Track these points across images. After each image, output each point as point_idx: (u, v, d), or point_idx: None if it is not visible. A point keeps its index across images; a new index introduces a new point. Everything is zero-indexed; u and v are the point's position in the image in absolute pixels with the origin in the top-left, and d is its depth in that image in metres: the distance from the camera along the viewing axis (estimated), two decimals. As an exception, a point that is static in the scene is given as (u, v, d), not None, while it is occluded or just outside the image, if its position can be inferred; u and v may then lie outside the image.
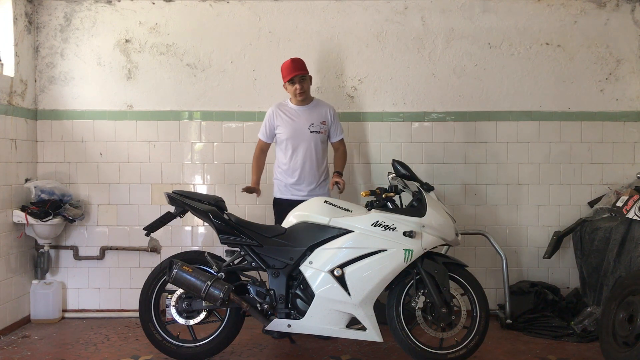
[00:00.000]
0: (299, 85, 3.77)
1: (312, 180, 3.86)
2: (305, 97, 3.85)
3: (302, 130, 3.84)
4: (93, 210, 4.42)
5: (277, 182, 3.95)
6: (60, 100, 4.42)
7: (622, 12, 4.41)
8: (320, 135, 3.87)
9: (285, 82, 3.82)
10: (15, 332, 4.04)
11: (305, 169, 3.84)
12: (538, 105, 4.43)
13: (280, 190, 3.91)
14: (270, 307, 3.28)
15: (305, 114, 3.87)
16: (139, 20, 4.40)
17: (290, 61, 3.81)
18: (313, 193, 3.83)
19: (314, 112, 3.89)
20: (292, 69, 3.77)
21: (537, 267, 4.45)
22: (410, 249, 3.17)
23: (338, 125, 3.98)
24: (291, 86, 3.80)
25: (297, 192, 3.85)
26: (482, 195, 4.45)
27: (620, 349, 3.14)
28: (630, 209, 3.84)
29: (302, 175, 3.84)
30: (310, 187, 3.85)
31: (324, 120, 3.89)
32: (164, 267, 3.37)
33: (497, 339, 3.85)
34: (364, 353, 3.60)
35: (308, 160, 3.84)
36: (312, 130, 3.84)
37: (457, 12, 4.40)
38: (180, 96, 4.42)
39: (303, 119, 3.86)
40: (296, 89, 3.78)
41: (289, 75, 3.77)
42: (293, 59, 3.84)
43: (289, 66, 3.79)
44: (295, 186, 3.85)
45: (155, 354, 3.51)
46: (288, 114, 3.88)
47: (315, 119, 3.86)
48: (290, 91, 3.84)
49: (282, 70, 3.84)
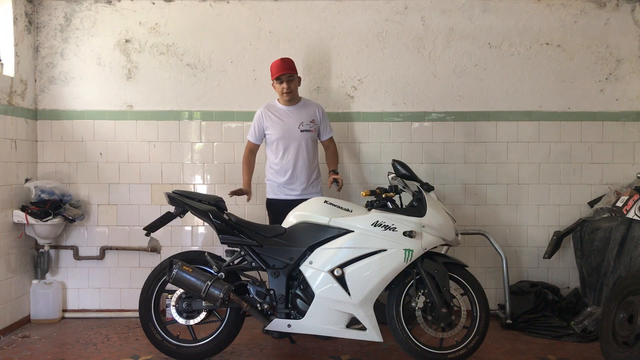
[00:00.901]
0: (286, 85, 3.79)
1: (304, 179, 3.86)
2: (292, 97, 3.86)
3: (292, 129, 3.85)
4: (93, 210, 4.42)
5: (269, 182, 3.95)
6: (60, 100, 4.42)
7: (622, 12, 4.41)
8: (311, 134, 3.89)
9: (273, 79, 3.84)
10: (15, 332, 4.04)
11: (297, 168, 3.84)
12: (538, 105, 4.43)
13: (273, 191, 3.92)
14: (270, 307, 3.28)
15: (295, 114, 3.88)
16: (139, 20, 4.40)
17: (279, 60, 3.83)
18: (306, 192, 3.85)
19: (302, 111, 3.90)
20: (280, 67, 3.79)
21: (537, 267, 4.45)
22: (410, 249, 3.17)
23: (327, 123, 4.00)
24: (279, 85, 3.82)
25: (290, 191, 3.85)
26: (482, 195, 4.45)
27: (620, 349, 3.14)
28: (630, 209, 3.84)
29: (295, 174, 3.84)
30: (303, 185, 3.86)
31: (313, 119, 3.91)
32: (164, 267, 3.37)
33: (497, 339, 3.85)
34: (364, 353, 3.60)
35: (300, 159, 3.85)
36: (302, 129, 3.86)
37: (457, 12, 4.40)
38: (180, 96, 4.42)
39: (292, 118, 3.87)
40: (283, 88, 3.80)
41: (277, 74, 3.79)
42: (283, 58, 3.86)
43: (277, 65, 3.81)
44: (288, 185, 3.86)
45: (155, 354, 3.51)
46: (277, 115, 3.88)
47: (305, 118, 3.88)
48: (278, 90, 3.85)
49: (271, 69, 3.86)
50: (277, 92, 3.88)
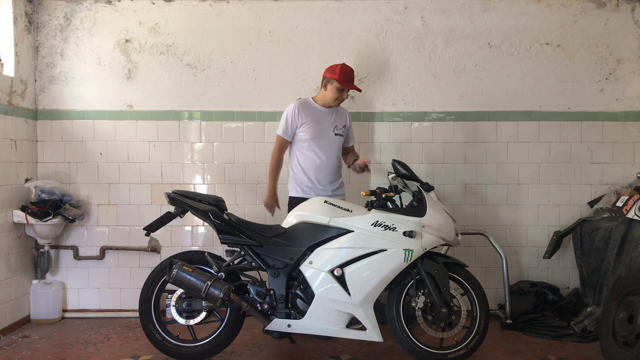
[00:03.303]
0: (346, 96, 3.84)
1: (334, 179, 3.86)
2: (338, 105, 3.89)
3: (328, 132, 3.84)
4: (93, 210, 4.42)
5: (295, 181, 3.85)
6: (60, 100, 4.42)
7: (622, 12, 4.42)
8: (342, 139, 3.92)
9: (338, 82, 3.73)
10: (15, 332, 4.04)
11: (329, 167, 3.82)
12: (538, 105, 4.43)
13: (303, 190, 3.81)
14: (270, 307, 3.28)
15: (330, 117, 3.87)
16: (139, 20, 4.40)
17: (352, 69, 3.82)
18: (336, 192, 3.84)
19: (337, 115, 3.90)
20: (352, 79, 3.81)
21: (537, 267, 4.45)
22: (410, 249, 3.17)
23: (352, 130, 4.05)
24: (339, 92, 3.77)
25: (321, 192, 3.79)
26: (482, 195, 4.45)
27: (620, 349, 3.14)
28: (630, 209, 3.85)
29: (326, 174, 3.82)
30: (333, 186, 3.85)
31: (345, 124, 3.93)
32: (164, 267, 3.37)
33: (497, 339, 3.85)
34: (364, 353, 3.60)
35: (331, 160, 3.83)
36: (336, 133, 3.86)
37: (457, 12, 4.40)
38: (180, 96, 4.42)
39: (329, 120, 3.85)
40: (342, 97, 3.81)
41: (347, 83, 3.75)
42: (352, 69, 3.84)
43: (350, 75, 3.80)
44: (319, 185, 3.80)
45: (155, 354, 3.51)
46: (313, 114, 3.84)
47: (339, 122, 3.89)
48: (332, 95, 3.79)
49: (339, 72, 3.73)
50: (328, 94, 3.80)
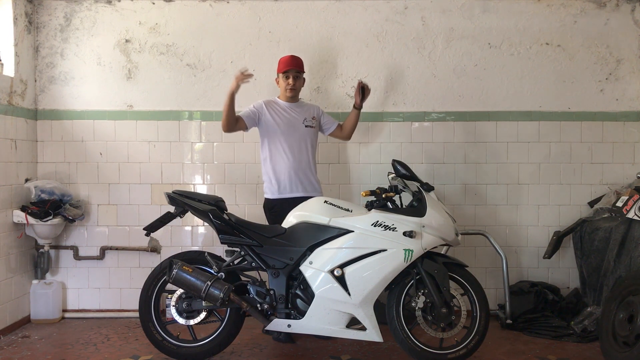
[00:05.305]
0: (292, 81, 3.80)
1: (309, 175, 3.82)
2: (295, 93, 3.87)
3: (297, 124, 3.84)
4: (93, 210, 4.42)
5: (268, 182, 3.84)
6: (60, 100, 4.42)
7: (622, 12, 4.41)
8: (314, 130, 3.90)
9: (280, 73, 3.83)
10: (15, 332, 4.04)
11: (302, 164, 3.80)
12: (538, 105, 4.43)
13: (277, 190, 3.79)
14: (270, 307, 3.28)
15: (296, 110, 3.88)
16: (139, 20, 4.40)
17: (290, 56, 3.86)
18: (311, 190, 3.80)
19: (305, 109, 3.92)
20: (289, 62, 3.82)
21: (537, 267, 4.45)
22: (410, 249, 3.17)
23: (328, 116, 4.03)
24: (284, 80, 3.82)
25: (295, 190, 3.78)
26: (482, 195, 4.45)
27: (620, 349, 3.14)
28: (630, 209, 3.85)
29: (299, 171, 3.78)
30: (307, 182, 3.81)
31: (314, 116, 3.93)
32: (164, 267, 3.37)
33: (497, 339, 3.85)
34: (364, 353, 3.60)
35: (304, 155, 3.82)
36: (306, 125, 3.86)
37: (457, 12, 4.40)
38: (180, 96, 4.42)
39: (295, 112, 3.87)
40: (288, 83, 3.80)
41: (285, 68, 3.80)
42: (293, 55, 3.88)
43: (287, 60, 3.84)
44: (292, 184, 3.78)
45: (155, 354, 3.51)
46: (279, 108, 3.87)
47: (307, 115, 3.89)
48: (282, 85, 3.85)
49: (279, 63, 3.86)
50: (281, 87, 3.87)
